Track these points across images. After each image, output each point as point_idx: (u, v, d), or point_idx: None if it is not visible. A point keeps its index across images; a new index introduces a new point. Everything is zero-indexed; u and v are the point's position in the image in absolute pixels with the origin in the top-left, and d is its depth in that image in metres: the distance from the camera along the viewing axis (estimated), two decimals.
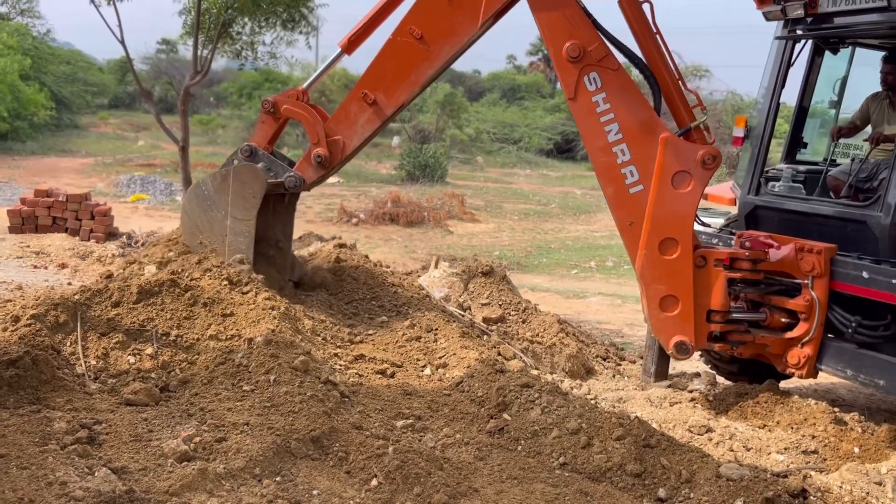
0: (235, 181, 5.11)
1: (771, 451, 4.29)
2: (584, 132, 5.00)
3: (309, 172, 5.36)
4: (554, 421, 3.93)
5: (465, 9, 4.94)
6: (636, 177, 4.87)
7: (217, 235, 5.15)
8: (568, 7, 4.88)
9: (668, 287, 4.94)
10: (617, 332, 9.11)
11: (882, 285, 4.79)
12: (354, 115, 5.24)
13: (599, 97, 4.85)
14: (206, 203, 5.18)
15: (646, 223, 4.87)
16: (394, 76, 5.13)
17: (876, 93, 6.04)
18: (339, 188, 23.05)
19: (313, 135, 5.25)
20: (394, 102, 5.20)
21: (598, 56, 4.84)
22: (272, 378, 3.90)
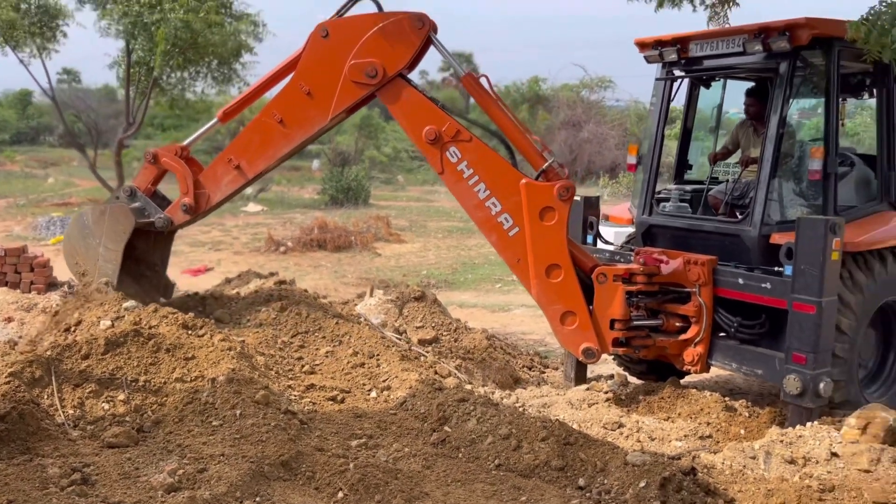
0: (110, 217, 6.02)
1: (671, 439, 5.05)
2: (459, 197, 5.71)
3: (177, 216, 6.19)
4: (488, 429, 4.56)
5: (318, 104, 5.72)
6: (511, 221, 5.60)
7: (90, 260, 6.07)
8: (416, 99, 5.64)
9: (563, 305, 5.67)
10: (540, 341, 9.85)
11: (755, 289, 5.66)
12: (220, 176, 6.08)
13: (462, 165, 5.59)
14: (85, 231, 6.06)
15: (530, 257, 5.60)
16: (255, 149, 5.95)
17: (743, 120, 6.99)
18: (264, 216, 23.26)
19: (183, 186, 6.09)
20: (253, 170, 6.02)
21: (451, 133, 5.57)
22: (238, 412, 4.39)
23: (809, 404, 5.27)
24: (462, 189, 5.65)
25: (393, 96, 5.68)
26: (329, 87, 5.68)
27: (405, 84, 5.68)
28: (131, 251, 6.13)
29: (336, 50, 5.62)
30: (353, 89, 5.65)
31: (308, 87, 5.71)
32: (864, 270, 5.64)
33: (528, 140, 5.77)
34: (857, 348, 5.66)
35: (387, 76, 5.58)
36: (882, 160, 6.08)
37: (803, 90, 6.26)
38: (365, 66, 5.56)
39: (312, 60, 5.71)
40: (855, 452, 4.15)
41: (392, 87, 5.65)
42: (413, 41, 5.56)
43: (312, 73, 5.72)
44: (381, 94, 5.69)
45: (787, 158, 6.11)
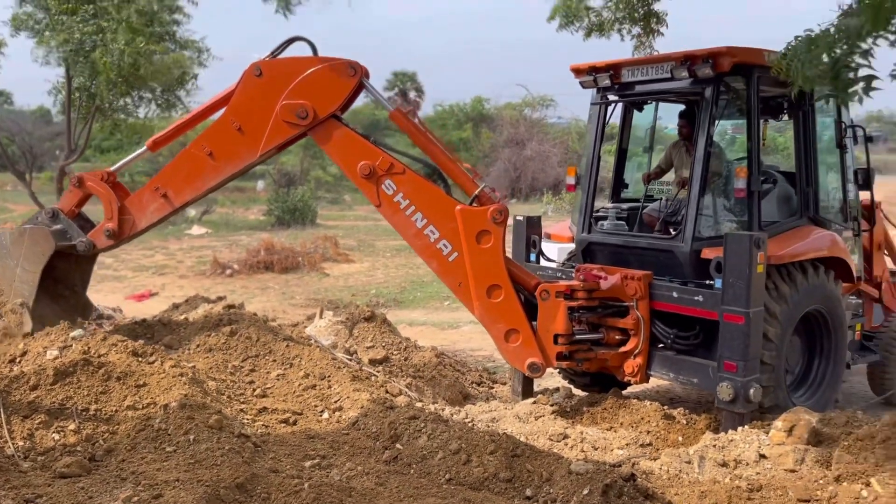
0: (29, 239, 6.07)
1: (614, 448, 5.28)
2: (398, 228, 5.91)
3: (100, 240, 6.23)
4: (438, 445, 4.72)
5: (248, 140, 5.86)
6: (450, 247, 5.82)
7: (6, 280, 6.10)
8: (348, 137, 5.84)
9: (505, 323, 5.89)
10: (489, 357, 10.04)
11: (688, 302, 5.97)
12: (146, 203, 6.15)
13: (399, 197, 5.79)
14: (2, 252, 6.12)
15: (470, 280, 5.82)
16: (183, 179, 6.06)
17: (676, 141, 7.36)
18: (209, 239, 23.02)
19: (108, 211, 6.14)
20: (180, 199, 6.11)
21: (385, 167, 5.77)
22: (192, 438, 4.44)
23: (741, 410, 5.58)
24: (400, 220, 5.84)
25: (324, 136, 5.86)
26: (260, 124, 5.82)
27: (337, 124, 5.87)
28: (51, 272, 6.20)
29: (269, 89, 5.79)
30: (283, 128, 5.82)
31: (239, 123, 5.84)
32: (788, 282, 6.00)
33: (460, 168, 6.01)
34: (784, 355, 6.00)
35: (318, 118, 5.77)
36: (801, 178, 6.49)
37: (727, 113, 6.65)
38: (296, 107, 5.73)
39: (245, 97, 5.85)
40: (781, 454, 4.44)
41: (323, 127, 5.83)
42: (344, 86, 5.80)
43: (244, 109, 5.85)
44: (313, 133, 5.87)
45: (715, 177, 6.47)
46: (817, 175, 6.52)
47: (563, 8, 5.71)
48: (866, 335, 7.18)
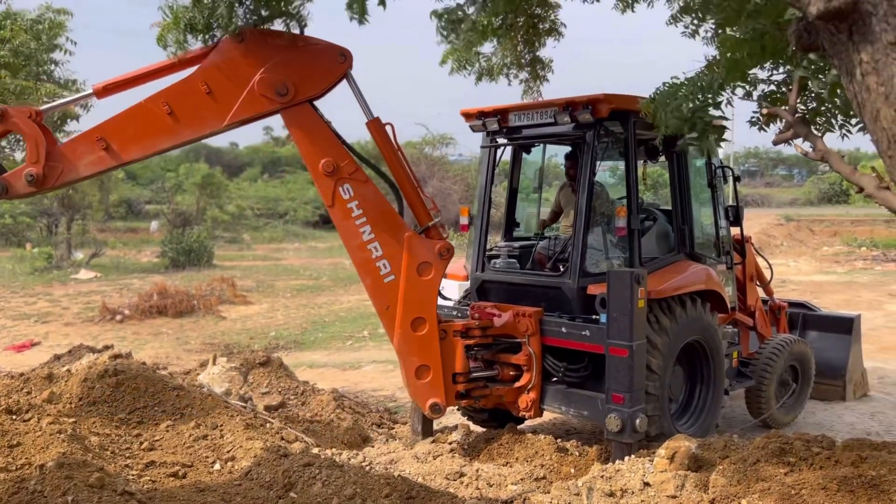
0: None
1: (508, 484, 5.37)
2: (343, 233, 5.79)
3: (18, 185, 5.32)
4: (333, 491, 4.67)
5: (216, 106, 5.40)
6: (388, 268, 5.78)
7: None
8: (320, 128, 5.63)
9: (420, 358, 5.90)
10: (390, 396, 10.02)
11: (576, 337, 6.20)
12: (81, 153, 5.36)
13: (353, 204, 5.69)
14: None
15: (399, 306, 5.78)
16: (133, 135, 5.38)
17: (563, 183, 7.67)
18: (98, 283, 21.98)
19: (32, 153, 5.26)
20: (126, 155, 5.42)
21: (349, 171, 5.67)
22: (70, 499, 4.22)
23: (629, 439, 5.80)
24: (348, 226, 5.71)
25: (297, 120, 5.58)
26: (233, 92, 5.42)
27: (312, 111, 5.62)
28: None
29: (250, 57, 5.41)
30: (258, 101, 5.44)
31: (210, 87, 5.37)
32: (668, 314, 6.33)
33: (420, 195, 5.96)
34: (667, 385, 6.30)
35: (296, 98, 5.49)
36: (677, 215, 6.90)
37: (608, 154, 7.01)
38: (277, 82, 5.42)
39: (222, 60, 5.41)
40: (664, 480, 4.65)
41: (299, 110, 5.55)
42: (332, 73, 5.56)
43: (218, 73, 5.40)
44: (286, 114, 5.56)
45: (599, 216, 6.78)
46: (692, 213, 6.95)
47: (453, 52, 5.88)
48: (743, 361, 7.63)
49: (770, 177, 62.34)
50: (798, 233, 31.63)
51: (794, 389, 7.84)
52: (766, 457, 4.43)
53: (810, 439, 4.58)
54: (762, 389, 7.52)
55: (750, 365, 7.65)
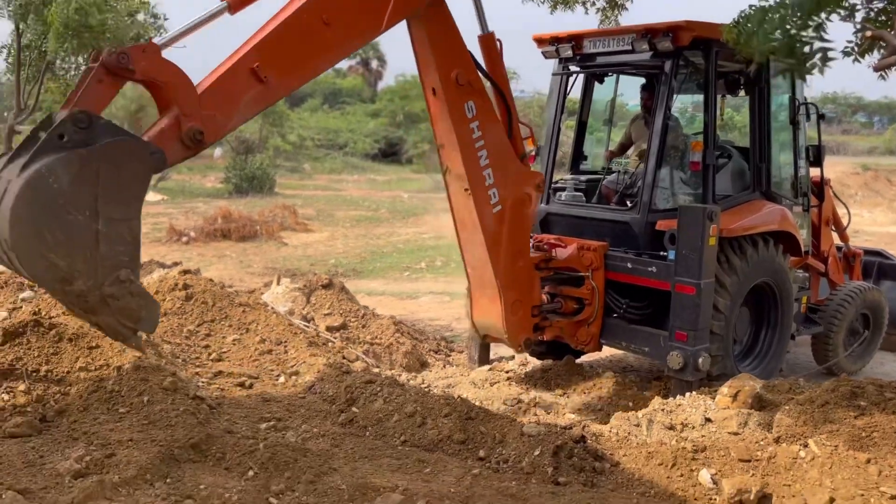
0: (106, 164, 3.41)
1: (566, 412, 5.40)
2: (463, 157, 5.35)
3: (175, 150, 3.88)
4: (394, 408, 4.77)
5: (374, 6, 4.75)
6: (497, 198, 5.55)
7: (80, 249, 3.38)
8: (456, 36, 5.23)
9: (516, 293, 5.80)
10: (447, 327, 10.13)
11: (642, 273, 6.10)
12: (239, 91, 4.11)
13: (475, 124, 5.32)
14: (58, 203, 3.32)
15: (504, 239, 5.61)
16: (293, 57, 4.36)
17: (634, 115, 7.44)
18: (164, 206, 22.59)
19: (187, 104, 3.87)
20: (285, 87, 4.45)
21: (478, 86, 5.29)
22: (145, 399, 4.41)
23: (690, 378, 5.74)
24: (466, 151, 5.32)
25: (437, 23, 5.12)
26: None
27: (451, 15, 5.20)
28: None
29: None
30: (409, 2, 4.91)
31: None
32: (739, 254, 6.16)
33: (518, 121, 5.71)
34: (733, 325, 6.18)
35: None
36: (754, 153, 6.63)
37: (686, 87, 6.73)
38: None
39: None
40: (726, 417, 4.59)
41: (438, 12, 5.11)
42: None
43: None
44: (427, 16, 5.07)
45: (672, 150, 6.57)
46: (770, 151, 6.67)
47: None
48: (811, 308, 7.42)
49: (848, 124, 59.51)
50: (875, 182, 30.29)
51: (865, 338, 7.62)
52: (835, 399, 4.32)
53: (884, 384, 4.44)
54: (830, 337, 7.32)
55: (819, 311, 7.44)
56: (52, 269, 3.35)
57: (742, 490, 3.63)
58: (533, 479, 3.98)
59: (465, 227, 5.66)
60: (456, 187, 5.52)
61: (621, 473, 4.03)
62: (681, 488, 3.84)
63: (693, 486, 3.85)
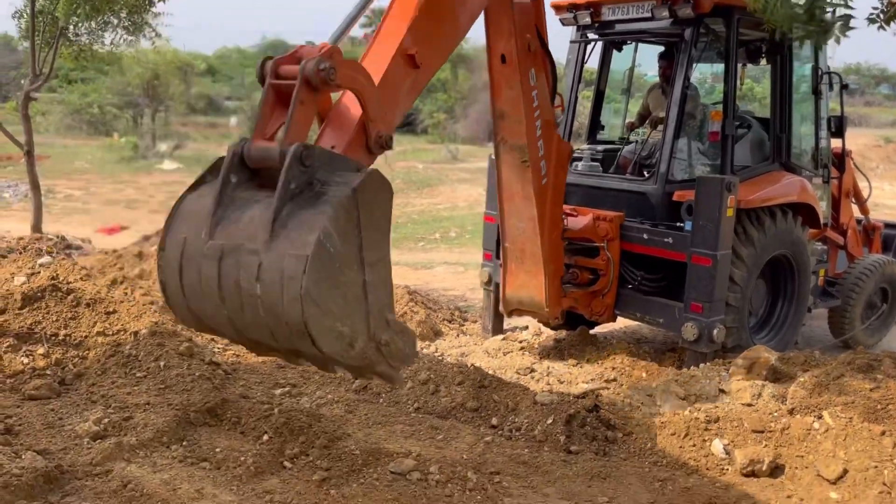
0: (364, 208, 2.89)
1: (579, 382, 5.41)
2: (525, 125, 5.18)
3: (363, 160, 3.42)
4: (407, 375, 4.79)
5: None
6: (545, 169, 5.48)
7: (356, 308, 2.92)
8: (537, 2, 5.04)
9: (555, 265, 5.85)
10: (461, 297, 10.14)
11: (658, 244, 6.04)
12: (399, 82, 3.68)
13: (535, 93, 5.15)
14: (335, 268, 2.82)
15: (549, 211, 5.58)
16: (443, 30, 3.95)
17: (652, 84, 7.33)
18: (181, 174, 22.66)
19: (375, 108, 3.43)
20: (434, 68, 3.95)
21: (539, 53, 5.11)
22: (162, 364, 4.47)
23: (704, 349, 5.72)
24: (529, 118, 5.13)
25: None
26: None
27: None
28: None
29: None
30: None
31: None
32: (756, 226, 6.08)
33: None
34: (748, 297, 6.13)
35: None
36: (775, 123, 6.52)
37: (706, 55, 6.61)
38: None
39: None
40: (740, 389, 4.58)
41: None
42: None
43: None
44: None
45: (690, 120, 6.48)
46: (791, 121, 6.56)
47: None
48: (829, 281, 7.35)
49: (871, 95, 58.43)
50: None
51: (882, 311, 7.54)
52: (850, 372, 4.30)
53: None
54: (847, 310, 7.26)
55: (837, 284, 7.37)
56: (339, 339, 2.86)
57: (755, 460, 3.63)
58: (545, 447, 4.00)
59: (513, 200, 5.58)
60: (512, 159, 5.38)
61: (633, 443, 4.04)
62: (693, 458, 3.85)
63: (705, 456, 3.85)
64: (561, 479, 3.63)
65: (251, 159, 2.95)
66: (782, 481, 3.62)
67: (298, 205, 2.80)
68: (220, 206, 2.86)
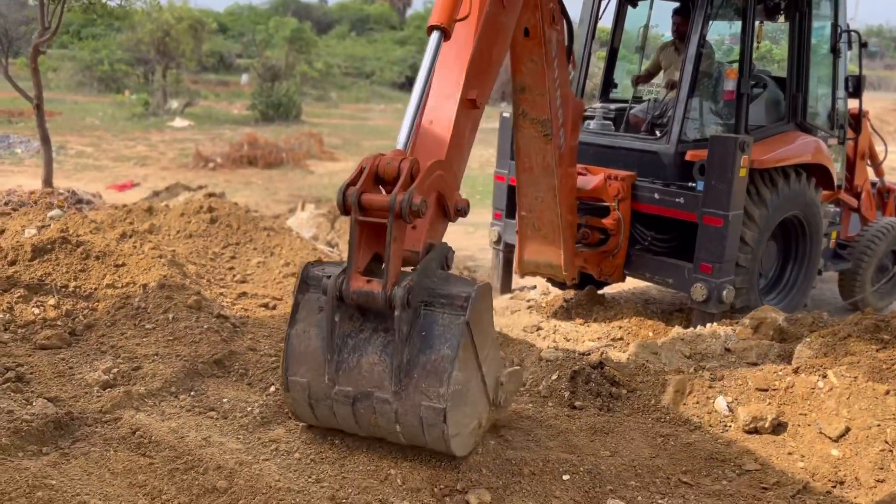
0: (476, 328, 3.07)
1: (585, 340, 5.42)
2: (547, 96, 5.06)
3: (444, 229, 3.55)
4: None
5: None
6: (563, 139, 5.42)
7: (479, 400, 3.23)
8: None
9: (573, 229, 5.87)
10: (470, 256, 10.15)
11: (669, 204, 6.00)
12: (462, 128, 3.67)
13: (555, 63, 5.00)
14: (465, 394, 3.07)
15: (566, 172, 5.54)
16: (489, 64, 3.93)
17: (665, 42, 7.19)
18: (191, 132, 22.62)
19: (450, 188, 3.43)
20: (487, 97, 3.90)
21: (559, 19, 4.94)
22: (171, 316, 4.50)
23: (713, 310, 5.71)
24: (552, 92, 5.01)
25: None
26: None
27: None
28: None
29: None
30: None
31: None
32: (769, 186, 6.03)
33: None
34: (759, 259, 6.10)
35: None
36: (791, 82, 6.41)
37: (722, 12, 6.48)
38: None
39: None
40: (745, 348, 4.58)
41: None
42: None
43: None
44: None
45: (705, 79, 6.37)
46: (808, 80, 6.45)
47: None
48: (840, 243, 7.30)
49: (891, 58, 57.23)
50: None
51: (893, 275, 7.50)
52: (858, 332, 4.28)
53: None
54: (858, 273, 7.22)
55: (848, 247, 7.32)
56: (472, 434, 3.24)
57: (757, 417, 3.64)
58: (549, 403, 4.02)
59: (531, 171, 5.52)
60: (532, 132, 5.27)
61: (637, 399, 4.06)
62: (696, 414, 3.86)
63: (708, 413, 3.87)
64: (564, 433, 3.66)
65: (352, 300, 3.01)
66: (784, 438, 3.63)
67: (416, 346, 2.97)
68: (332, 351, 3.06)
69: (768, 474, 3.41)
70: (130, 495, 2.86)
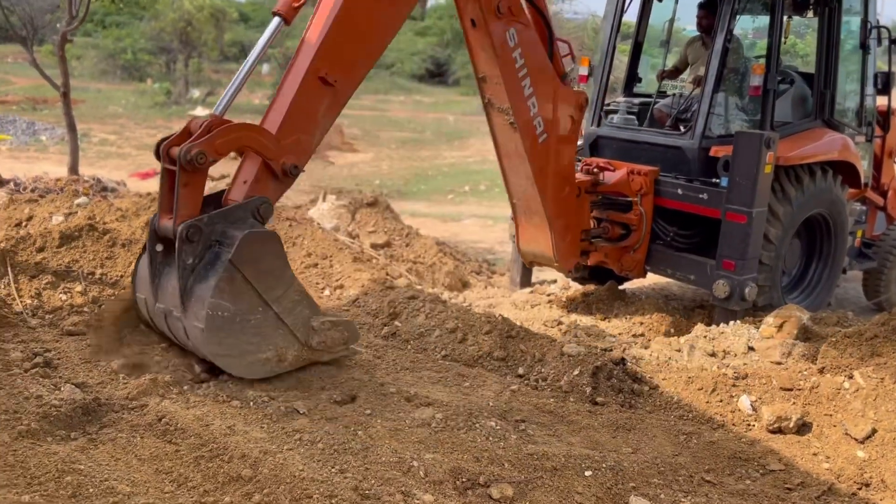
0: (247, 266, 3.60)
1: (606, 336, 5.41)
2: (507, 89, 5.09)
3: (275, 189, 3.96)
4: (436, 323, 4.82)
5: None
6: (541, 127, 5.33)
7: (273, 335, 3.74)
8: None
9: (566, 219, 5.76)
10: (489, 249, 10.16)
11: (692, 200, 5.97)
12: (315, 104, 4.00)
13: (517, 53, 5.01)
14: (237, 322, 3.64)
15: (551, 166, 5.46)
16: (357, 47, 4.08)
17: (692, 37, 7.13)
18: None
19: (267, 150, 3.86)
20: (354, 82, 4.17)
21: (517, 10, 4.96)
22: None
23: (735, 307, 5.67)
24: (510, 82, 5.02)
25: None
26: None
27: None
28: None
29: None
30: None
31: None
32: (794, 184, 5.97)
33: (556, 40, 5.44)
34: (783, 257, 6.05)
35: None
36: (819, 78, 6.34)
37: (750, 7, 6.40)
38: None
39: None
40: (769, 347, 4.55)
41: None
42: None
43: None
44: None
45: (731, 74, 6.31)
46: (836, 76, 6.36)
47: None
48: (866, 242, 7.22)
49: None
50: None
51: None
52: (885, 333, 4.23)
53: None
54: (883, 272, 7.14)
55: (874, 246, 7.23)
56: (266, 363, 3.78)
57: (782, 417, 3.62)
58: (571, 398, 4.02)
59: (510, 159, 5.51)
60: (500, 121, 5.30)
61: (660, 396, 4.05)
62: (719, 413, 3.85)
63: (732, 412, 3.85)
64: (586, 428, 3.65)
65: (160, 234, 3.75)
66: (809, 439, 3.61)
67: (198, 276, 3.64)
68: (154, 275, 3.80)
69: (792, 475, 3.39)
70: (157, 481, 2.89)
